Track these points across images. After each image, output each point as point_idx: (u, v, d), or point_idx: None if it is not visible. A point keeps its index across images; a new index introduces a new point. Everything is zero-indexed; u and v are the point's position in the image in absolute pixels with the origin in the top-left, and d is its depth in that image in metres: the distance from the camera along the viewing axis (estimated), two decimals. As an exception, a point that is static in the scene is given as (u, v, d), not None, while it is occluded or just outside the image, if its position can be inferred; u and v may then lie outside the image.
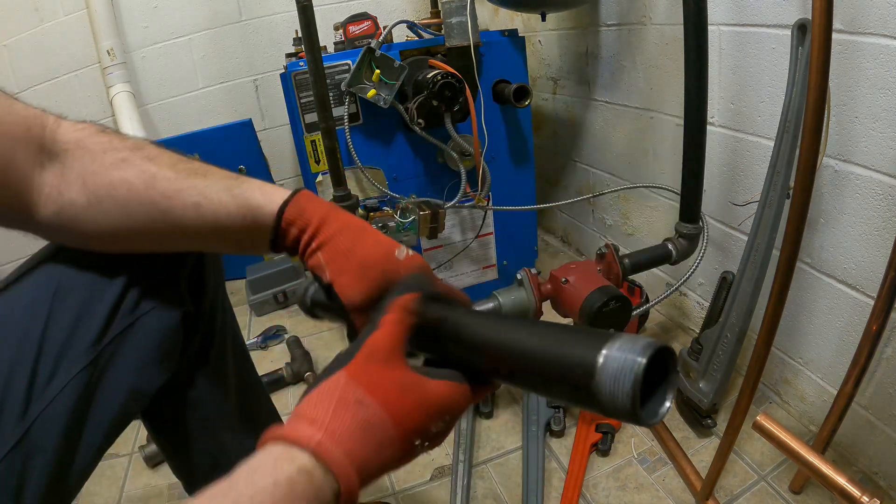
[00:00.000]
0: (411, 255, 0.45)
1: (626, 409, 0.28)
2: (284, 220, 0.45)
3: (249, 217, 0.45)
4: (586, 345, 0.30)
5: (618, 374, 0.28)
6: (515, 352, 0.34)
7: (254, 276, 1.69)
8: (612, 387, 0.28)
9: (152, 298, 0.51)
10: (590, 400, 0.29)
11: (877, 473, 0.90)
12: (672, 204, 1.30)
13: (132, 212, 0.45)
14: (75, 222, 0.45)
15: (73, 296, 0.47)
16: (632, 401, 0.27)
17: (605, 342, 0.29)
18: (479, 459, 1.05)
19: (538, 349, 0.33)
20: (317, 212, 0.45)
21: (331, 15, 1.66)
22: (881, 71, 0.76)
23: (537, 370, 0.33)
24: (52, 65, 1.64)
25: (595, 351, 0.29)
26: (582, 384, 0.29)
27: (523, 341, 0.34)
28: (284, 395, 1.31)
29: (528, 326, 0.36)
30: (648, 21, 1.23)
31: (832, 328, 0.95)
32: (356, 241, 0.44)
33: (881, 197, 0.81)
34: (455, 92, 1.13)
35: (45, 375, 0.44)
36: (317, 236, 0.44)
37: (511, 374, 0.36)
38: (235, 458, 0.29)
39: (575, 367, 0.30)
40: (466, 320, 0.39)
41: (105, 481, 1.09)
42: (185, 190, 0.45)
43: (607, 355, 0.29)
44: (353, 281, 0.43)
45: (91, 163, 0.45)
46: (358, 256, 0.43)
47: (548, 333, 0.34)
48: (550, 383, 0.33)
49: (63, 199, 0.45)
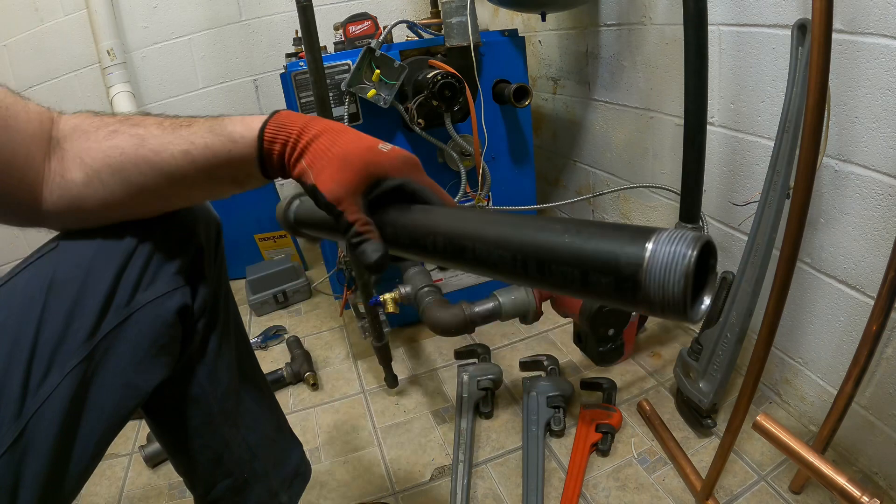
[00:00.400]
0: (396, 148, 0.45)
1: (677, 301, 0.27)
2: (266, 140, 0.46)
3: (235, 149, 0.46)
4: (630, 237, 0.29)
5: (668, 265, 0.27)
6: (548, 248, 0.32)
7: (254, 276, 1.69)
8: (662, 278, 0.27)
9: (147, 292, 0.51)
10: (634, 293, 0.28)
11: (877, 473, 0.90)
12: (672, 204, 1.30)
13: (128, 174, 0.47)
14: (77, 200, 0.48)
15: (66, 290, 0.47)
16: (683, 293, 0.26)
17: (651, 235, 0.28)
18: (479, 459, 1.05)
19: (576, 244, 0.31)
20: (296, 124, 0.45)
21: (331, 15, 1.66)
22: (881, 71, 0.76)
23: (575, 265, 0.31)
24: (52, 65, 1.64)
25: (642, 242, 0.28)
26: (629, 275, 0.28)
27: (556, 239, 0.32)
28: (284, 394, 1.31)
29: (556, 222, 0.34)
30: (648, 21, 1.23)
31: (832, 328, 0.95)
32: (336, 139, 0.44)
33: (881, 197, 0.81)
34: (455, 92, 1.13)
35: (40, 373, 0.44)
36: (297, 145, 0.45)
37: (541, 270, 0.33)
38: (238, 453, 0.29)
39: (621, 257, 0.28)
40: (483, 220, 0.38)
41: (105, 481, 1.09)
42: (173, 142, 0.47)
43: (654, 248, 0.27)
44: (334, 174, 0.42)
45: (86, 141, 0.48)
46: (338, 152, 0.43)
47: (580, 228, 0.32)
48: (589, 276, 0.30)
49: (65, 181, 0.47)
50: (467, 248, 0.37)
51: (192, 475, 0.67)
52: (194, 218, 0.57)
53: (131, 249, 0.50)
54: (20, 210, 0.48)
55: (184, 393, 0.61)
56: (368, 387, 1.30)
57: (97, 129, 0.48)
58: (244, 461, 0.66)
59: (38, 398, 0.44)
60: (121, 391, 0.50)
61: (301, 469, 0.77)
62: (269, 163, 0.47)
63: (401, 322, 1.49)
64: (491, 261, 0.36)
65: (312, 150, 0.44)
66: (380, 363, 1.22)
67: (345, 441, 1.14)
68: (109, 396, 0.49)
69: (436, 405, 1.21)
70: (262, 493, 0.69)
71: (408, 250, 0.44)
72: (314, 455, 1.11)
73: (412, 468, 1.06)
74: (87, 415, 0.48)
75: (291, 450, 0.76)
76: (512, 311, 0.99)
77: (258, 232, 1.87)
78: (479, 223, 0.38)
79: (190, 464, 0.66)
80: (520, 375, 1.23)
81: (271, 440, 0.71)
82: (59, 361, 0.45)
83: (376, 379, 1.31)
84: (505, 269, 0.35)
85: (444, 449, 1.09)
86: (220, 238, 0.63)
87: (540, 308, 0.99)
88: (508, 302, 0.98)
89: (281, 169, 0.47)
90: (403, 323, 1.50)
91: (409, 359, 1.39)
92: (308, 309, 1.71)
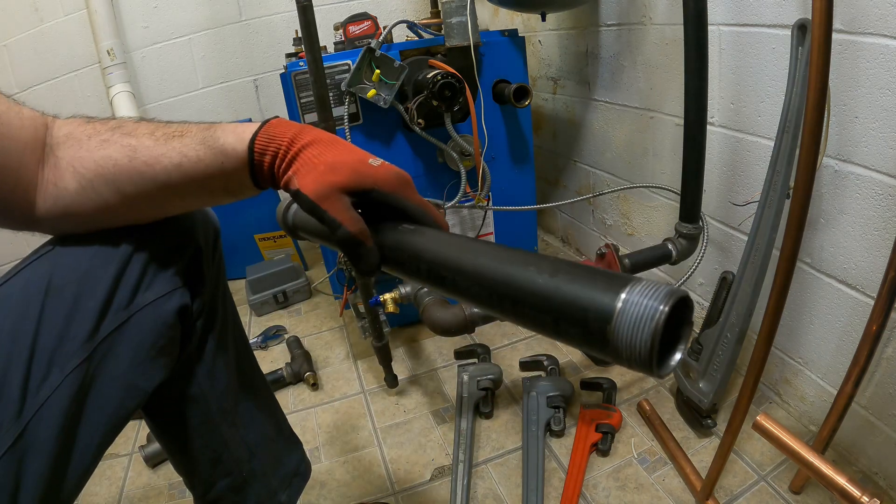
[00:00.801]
0: (387, 164, 0.45)
1: (643, 358, 0.26)
2: (256, 151, 0.45)
3: (227, 162, 0.46)
4: (603, 287, 0.28)
5: (637, 321, 0.26)
6: (522, 290, 0.32)
7: (254, 276, 1.69)
8: (630, 334, 0.27)
9: (147, 293, 0.51)
10: (603, 345, 0.28)
11: (877, 473, 0.90)
12: (672, 204, 1.30)
13: (121, 186, 0.47)
14: (70, 208, 0.48)
15: (65, 292, 0.47)
16: (650, 351, 0.26)
17: (625, 286, 0.28)
18: (479, 459, 1.05)
19: (550, 288, 0.31)
20: (286, 134, 0.45)
21: (331, 15, 1.66)
22: (881, 71, 0.76)
23: (546, 311, 0.31)
24: (52, 65, 1.64)
25: (614, 295, 0.28)
26: (596, 329, 0.28)
27: (531, 280, 0.32)
28: (284, 394, 1.31)
29: (534, 261, 0.33)
30: (648, 21, 1.23)
31: (832, 328, 0.95)
32: (325, 150, 0.44)
33: (881, 197, 0.81)
34: (455, 92, 1.13)
35: (40, 374, 0.44)
36: (287, 156, 0.44)
37: (515, 310, 0.33)
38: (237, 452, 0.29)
39: (590, 310, 0.28)
40: (458, 253, 0.38)
41: (105, 481, 1.09)
42: (166, 154, 0.46)
43: (626, 300, 0.27)
44: (318, 176, 0.42)
45: (79, 150, 0.48)
46: (326, 160, 0.43)
47: (556, 270, 0.31)
48: (560, 324, 0.30)
49: (58, 189, 0.47)
50: (447, 278, 0.38)
51: (192, 474, 0.67)
52: (192, 218, 0.57)
53: (130, 251, 0.50)
54: (14, 215, 0.48)
55: (182, 393, 0.61)
56: (368, 387, 1.30)
57: (89, 137, 0.48)
58: (243, 460, 0.66)
59: (38, 399, 0.44)
60: (121, 392, 0.50)
61: (301, 468, 0.77)
62: (259, 174, 0.46)
63: (401, 322, 1.49)
64: (470, 294, 0.36)
65: (301, 159, 0.44)
66: (380, 363, 1.22)
67: (345, 441, 1.14)
68: (110, 397, 0.50)
69: (436, 405, 1.21)
70: (262, 493, 0.69)
71: (393, 268, 0.44)
72: (314, 455, 1.11)
73: (412, 468, 1.06)
74: (87, 416, 0.48)
75: (291, 449, 0.76)
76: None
77: (258, 232, 1.87)
78: (461, 253, 0.38)
79: (189, 463, 0.66)
80: (520, 375, 1.23)
81: (270, 439, 0.71)
82: (59, 363, 0.45)
83: (376, 379, 1.31)
84: (483, 303, 0.36)
85: (444, 449, 1.09)
86: (218, 238, 0.63)
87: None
88: (508, 302, 0.98)
89: (271, 179, 0.46)
90: (403, 323, 1.50)
91: (409, 359, 1.39)
92: (308, 309, 1.71)
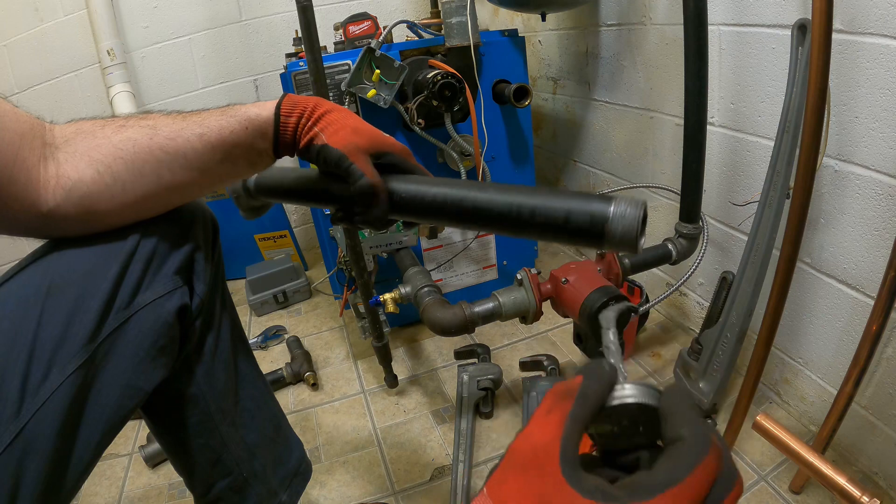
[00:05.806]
0: (392, 137, 0.53)
1: (632, 240, 0.39)
2: (283, 114, 0.51)
3: (251, 126, 0.51)
4: (598, 201, 0.41)
5: (626, 218, 0.39)
6: (534, 201, 0.43)
7: (254, 276, 1.69)
8: (623, 227, 0.39)
9: (146, 294, 0.51)
10: (599, 238, 0.40)
11: (877, 473, 0.90)
12: (672, 204, 1.30)
13: (141, 165, 0.48)
14: (86, 199, 0.47)
15: (66, 293, 0.47)
16: (636, 235, 0.39)
17: (612, 199, 0.40)
18: (479, 459, 1.05)
19: (557, 204, 0.42)
20: (309, 101, 0.52)
21: (331, 15, 1.66)
22: (881, 71, 0.76)
23: (559, 211, 0.42)
24: (52, 65, 1.64)
25: (607, 204, 0.40)
26: (598, 225, 0.40)
27: (539, 194, 0.44)
28: (284, 394, 1.31)
29: (528, 190, 0.45)
30: (648, 21, 1.23)
31: (832, 328, 0.95)
32: (347, 116, 0.52)
33: (881, 197, 0.81)
34: (455, 92, 1.13)
35: (39, 375, 0.44)
36: (313, 116, 0.51)
37: (532, 220, 0.43)
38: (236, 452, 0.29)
39: (593, 215, 0.40)
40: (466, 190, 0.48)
41: (105, 481, 1.09)
42: (186, 127, 0.50)
43: (616, 209, 0.40)
44: (348, 135, 0.50)
45: (93, 140, 0.48)
46: (350, 123, 0.51)
47: (553, 195, 0.43)
48: (570, 218, 0.42)
49: (70, 182, 0.47)
50: (467, 198, 0.46)
51: (192, 474, 0.67)
52: (192, 218, 0.57)
53: (130, 252, 0.51)
54: (11, 213, 0.46)
55: (181, 392, 0.61)
56: (368, 387, 1.30)
57: (103, 127, 0.49)
58: (243, 460, 0.66)
59: (37, 399, 0.44)
60: (121, 392, 0.50)
61: (301, 468, 0.77)
62: (283, 135, 0.51)
63: (401, 322, 1.49)
64: (488, 209, 0.45)
65: (326, 119, 0.50)
66: (380, 363, 1.22)
67: (345, 441, 1.14)
68: (110, 397, 0.50)
69: (436, 405, 1.21)
70: (262, 493, 0.69)
71: (408, 211, 0.50)
72: (314, 455, 1.11)
73: (412, 468, 1.06)
74: (87, 416, 0.48)
75: (291, 449, 0.76)
76: (512, 311, 0.98)
77: (258, 232, 1.87)
78: (475, 185, 0.47)
79: (189, 463, 0.66)
80: (520, 375, 1.23)
81: (270, 439, 0.71)
82: (60, 363, 0.45)
83: (376, 379, 1.31)
84: (499, 215, 0.45)
85: (444, 449, 1.09)
86: (216, 238, 0.63)
87: (540, 308, 0.99)
88: (508, 302, 0.98)
89: (292, 143, 0.51)
90: (403, 323, 1.50)
91: (409, 359, 1.39)
92: (308, 309, 1.71)
